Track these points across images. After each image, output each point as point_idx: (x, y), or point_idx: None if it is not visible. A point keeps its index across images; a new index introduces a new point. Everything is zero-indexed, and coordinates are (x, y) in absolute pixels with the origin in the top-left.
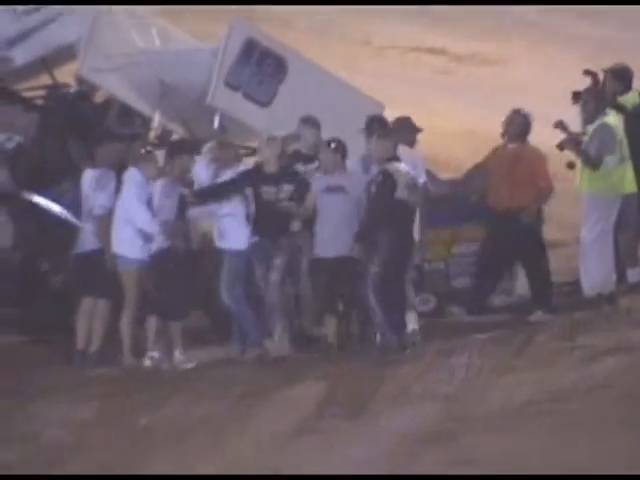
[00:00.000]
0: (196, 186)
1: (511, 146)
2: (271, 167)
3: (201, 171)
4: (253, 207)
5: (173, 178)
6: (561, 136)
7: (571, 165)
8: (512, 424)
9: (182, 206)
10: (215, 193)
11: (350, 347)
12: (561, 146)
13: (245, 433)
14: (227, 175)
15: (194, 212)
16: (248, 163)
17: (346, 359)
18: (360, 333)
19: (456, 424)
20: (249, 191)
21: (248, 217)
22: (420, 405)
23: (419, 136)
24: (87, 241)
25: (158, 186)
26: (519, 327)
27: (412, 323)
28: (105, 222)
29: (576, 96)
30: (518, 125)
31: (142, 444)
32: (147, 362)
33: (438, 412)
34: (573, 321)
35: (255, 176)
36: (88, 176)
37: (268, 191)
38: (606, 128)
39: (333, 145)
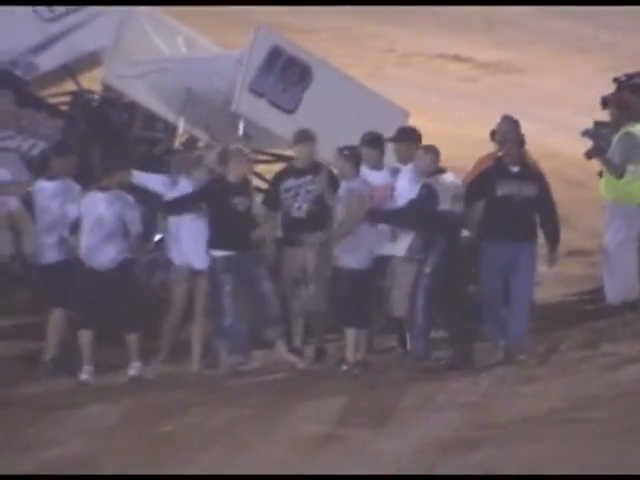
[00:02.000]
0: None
1: None
2: (234, 178)
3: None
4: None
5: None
6: (588, 144)
7: (602, 174)
8: (535, 433)
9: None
10: (182, 205)
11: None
12: (588, 154)
13: (269, 440)
14: (185, 186)
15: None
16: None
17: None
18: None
19: (479, 433)
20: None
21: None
22: (444, 414)
23: (445, 142)
24: (51, 253)
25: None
26: (542, 335)
27: None
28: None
29: (605, 101)
30: (510, 132)
31: (166, 450)
32: (131, 372)
33: (461, 420)
34: (596, 329)
35: (220, 187)
36: (46, 187)
37: (241, 202)
38: (629, 136)
39: (346, 152)
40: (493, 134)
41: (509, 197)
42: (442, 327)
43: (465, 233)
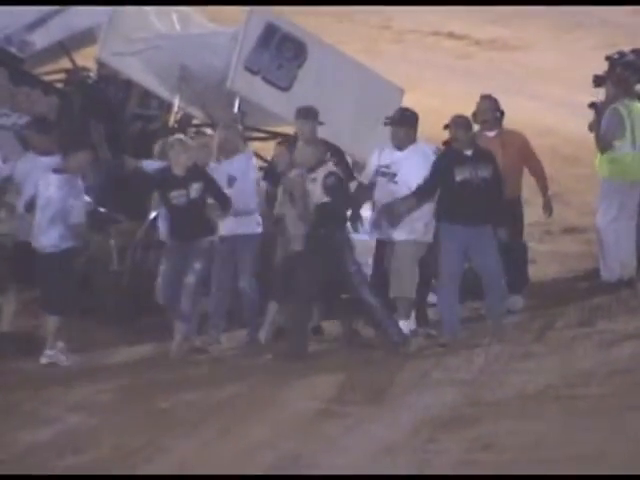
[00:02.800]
0: None
1: (490, 134)
2: (177, 170)
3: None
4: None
5: (71, 175)
6: (585, 121)
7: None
8: (531, 409)
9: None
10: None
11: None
12: (590, 128)
13: (266, 416)
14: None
15: None
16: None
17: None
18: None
19: (475, 409)
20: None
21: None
22: (439, 390)
23: (440, 119)
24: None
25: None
26: (538, 312)
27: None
28: None
29: (597, 80)
30: (491, 111)
31: (162, 427)
32: (43, 360)
33: (457, 397)
34: (592, 306)
35: (161, 180)
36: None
37: (177, 195)
38: (614, 113)
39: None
40: (474, 115)
41: (467, 182)
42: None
43: None
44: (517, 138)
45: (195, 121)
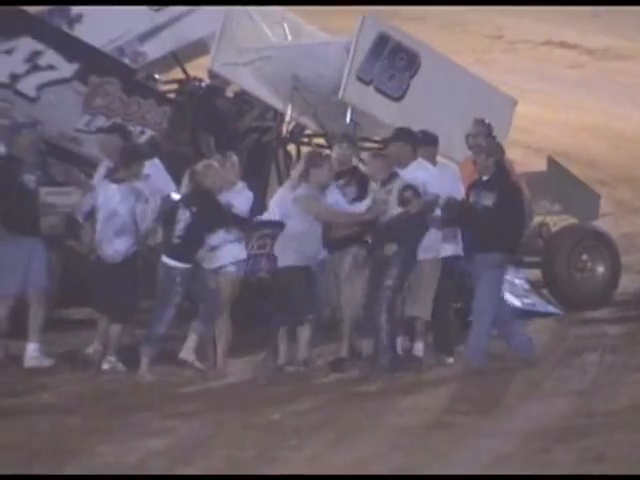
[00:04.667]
0: None
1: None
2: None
3: None
4: None
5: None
6: None
7: None
8: None
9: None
10: None
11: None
12: None
13: (377, 428)
14: None
15: None
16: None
17: None
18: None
19: (587, 420)
20: None
21: None
22: (551, 401)
23: (552, 129)
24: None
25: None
26: None
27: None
28: None
29: None
30: (483, 136)
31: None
32: (106, 366)
33: (569, 408)
34: None
35: None
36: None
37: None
38: None
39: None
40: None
41: (471, 207)
42: None
43: None
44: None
45: (307, 131)
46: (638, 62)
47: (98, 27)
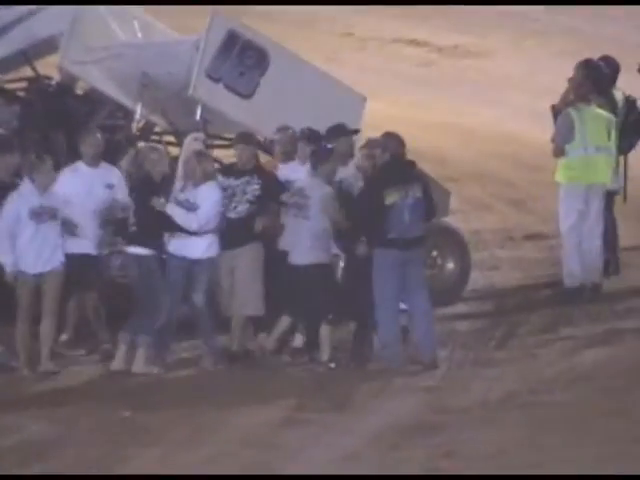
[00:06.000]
0: None
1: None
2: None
3: None
4: None
5: None
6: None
7: None
8: (495, 416)
9: None
10: None
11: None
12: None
13: (229, 425)
14: None
15: None
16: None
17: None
18: None
19: (438, 416)
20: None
21: None
22: (403, 398)
23: (403, 126)
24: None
25: None
26: (500, 318)
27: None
28: None
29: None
30: (290, 144)
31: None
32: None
33: (421, 404)
34: (554, 313)
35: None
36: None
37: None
38: (564, 117)
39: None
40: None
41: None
42: None
43: None
44: None
45: (157, 129)
46: (487, 59)
47: None
